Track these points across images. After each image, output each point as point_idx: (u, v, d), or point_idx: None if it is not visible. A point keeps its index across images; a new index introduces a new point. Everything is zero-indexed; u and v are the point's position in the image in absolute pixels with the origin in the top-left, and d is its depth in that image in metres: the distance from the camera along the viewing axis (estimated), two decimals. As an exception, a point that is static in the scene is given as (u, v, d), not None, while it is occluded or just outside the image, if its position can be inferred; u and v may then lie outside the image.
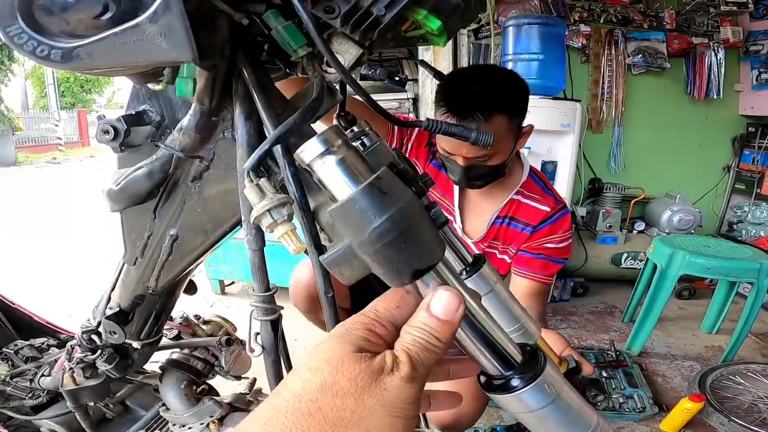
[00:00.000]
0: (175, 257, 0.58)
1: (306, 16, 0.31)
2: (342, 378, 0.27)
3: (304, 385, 0.27)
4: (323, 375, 0.27)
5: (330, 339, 0.30)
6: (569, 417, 0.35)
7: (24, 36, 0.29)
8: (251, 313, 0.44)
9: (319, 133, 0.31)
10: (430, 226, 0.31)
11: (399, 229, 0.28)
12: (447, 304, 0.30)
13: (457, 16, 0.40)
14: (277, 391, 0.28)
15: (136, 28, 0.28)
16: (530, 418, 0.35)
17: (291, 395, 0.27)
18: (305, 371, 0.28)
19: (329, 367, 0.28)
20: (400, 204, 0.29)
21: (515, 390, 0.34)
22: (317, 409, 0.26)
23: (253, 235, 0.41)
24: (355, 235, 0.29)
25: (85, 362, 0.78)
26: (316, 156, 0.30)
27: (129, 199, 0.52)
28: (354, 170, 0.30)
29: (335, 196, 0.30)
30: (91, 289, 0.74)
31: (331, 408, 0.26)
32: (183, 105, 0.49)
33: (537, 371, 0.34)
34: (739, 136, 3.30)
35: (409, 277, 0.30)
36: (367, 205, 0.28)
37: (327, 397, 0.27)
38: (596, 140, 3.18)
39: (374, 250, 0.28)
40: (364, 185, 0.28)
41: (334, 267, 0.31)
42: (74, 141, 16.15)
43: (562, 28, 2.57)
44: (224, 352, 0.93)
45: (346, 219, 0.29)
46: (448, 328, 0.31)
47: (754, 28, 3.07)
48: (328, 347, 0.29)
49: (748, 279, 1.98)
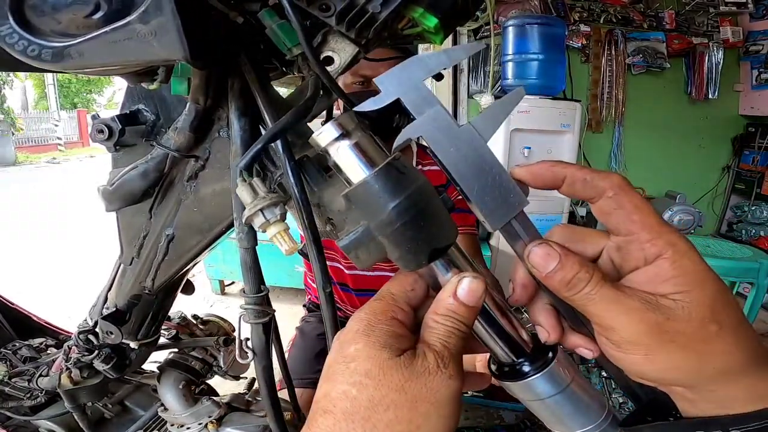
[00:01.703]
0: (172, 257, 0.58)
1: (291, 13, 0.31)
2: (390, 391, 0.27)
3: (352, 404, 0.27)
4: (369, 391, 0.27)
5: (358, 340, 0.29)
6: (580, 406, 0.35)
7: (15, 36, 0.29)
8: (240, 316, 0.43)
9: (334, 117, 0.31)
10: (444, 208, 0.31)
11: (418, 208, 0.29)
12: (473, 289, 0.30)
13: (453, 14, 0.40)
14: (325, 410, 0.27)
15: (127, 27, 0.28)
16: (541, 406, 0.35)
17: (342, 415, 0.27)
18: (350, 388, 0.27)
19: (372, 381, 0.27)
20: (418, 183, 0.29)
21: (526, 377, 0.34)
22: (372, 427, 0.26)
23: (245, 233, 0.41)
24: (374, 215, 0.29)
25: (82, 362, 0.78)
26: (332, 140, 0.31)
27: (124, 198, 0.52)
28: (369, 153, 0.31)
29: (350, 180, 0.31)
30: (91, 289, 0.74)
31: (386, 424, 0.26)
32: (178, 104, 0.49)
33: (548, 359, 0.34)
34: (739, 136, 3.29)
35: (426, 258, 0.31)
36: (386, 184, 0.29)
37: (379, 413, 0.26)
38: (596, 140, 3.18)
39: (393, 229, 0.29)
40: (382, 165, 0.29)
41: (351, 251, 0.31)
42: (74, 141, 16.17)
43: (562, 28, 2.57)
44: (222, 352, 0.93)
45: (364, 200, 0.29)
46: (473, 314, 0.30)
47: (754, 28, 3.07)
48: (361, 354, 0.28)
49: (748, 279, 1.98)
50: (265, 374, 0.47)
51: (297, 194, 0.37)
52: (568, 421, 0.35)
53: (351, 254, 0.31)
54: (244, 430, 0.83)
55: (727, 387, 0.26)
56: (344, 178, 0.32)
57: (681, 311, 0.25)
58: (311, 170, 0.40)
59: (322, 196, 0.40)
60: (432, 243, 0.30)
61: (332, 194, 0.39)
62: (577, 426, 0.35)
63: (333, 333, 0.41)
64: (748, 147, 3.24)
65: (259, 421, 0.83)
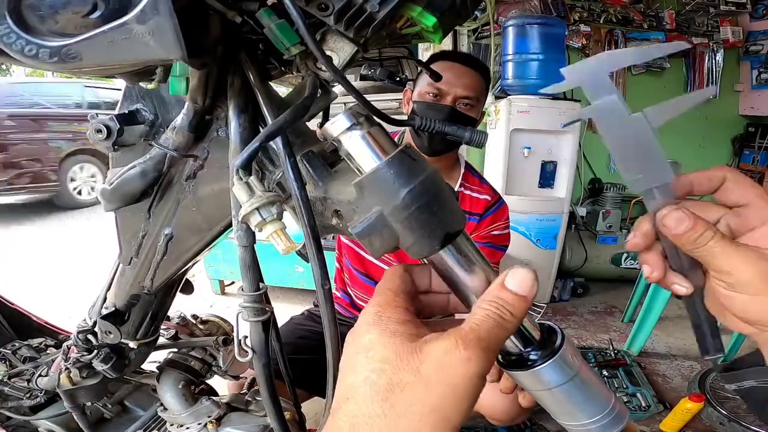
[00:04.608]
0: (170, 257, 0.58)
1: (296, 13, 0.31)
2: (406, 374, 0.28)
3: (372, 387, 0.28)
4: (387, 375, 0.28)
5: (371, 330, 0.30)
6: (587, 395, 0.35)
7: (12, 35, 0.29)
8: (238, 314, 0.43)
9: (346, 108, 0.32)
10: (452, 196, 0.32)
11: (431, 193, 0.30)
12: (523, 278, 0.31)
13: (452, 13, 0.40)
14: (347, 397, 0.29)
15: (124, 26, 0.28)
16: (548, 396, 0.35)
17: (362, 399, 0.28)
18: (370, 374, 0.29)
19: (390, 366, 0.28)
20: (429, 170, 0.31)
21: (534, 365, 0.34)
22: (390, 408, 0.27)
23: (243, 231, 0.41)
24: (388, 200, 0.30)
25: (81, 362, 0.78)
26: (344, 129, 0.32)
27: (123, 198, 0.52)
28: (381, 142, 0.32)
29: (362, 168, 0.32)
30: (91, 289, 0.74)
31: (403, 403, 0.27)
32: (176, 104, 0.49)
33: (556, 347, 0.34)
34: (739, 136, 3.29)
35: (440, 242, 0.31)
36: (400, 170, 0.30)
37: (396, 394, 0.27)
38: (596, 140, 3.17)
39: (408, 214, 0.30)
40: (396, 152, 0.30)
41: (365, 238, 0.32)
42: (75, 141, 16.13)
43: (562, 28, 2.57)
44: (222, 351, 0.93)
45: (377, 186, 0.30)
46: (524, 304, 0.31)
47: (754, 28, 3.07)
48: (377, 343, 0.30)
49: (748, 279, 1.97)
50: (265, 372, 0.47)
51: (297, 191, 0.37)
52: (577, 411, 0.35)
53: (365, 240, 0.32)
54: (244, 430, 0.83)
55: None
56: (356, 167, 0.33)
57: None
58: (316, 164, 0.40)
59: (328, 189, 0.40)
60: (445, 227, 0.31)
61: (339, 186, 0.39)
62: (585, 416, 0.35)
63: (331, 330, 0.41)
64: (748, 147, 3.24)
65: (258, 421, 0.83)
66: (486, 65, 1.32)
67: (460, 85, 1.23)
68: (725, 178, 0.37)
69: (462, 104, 1.24)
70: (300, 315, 1.54)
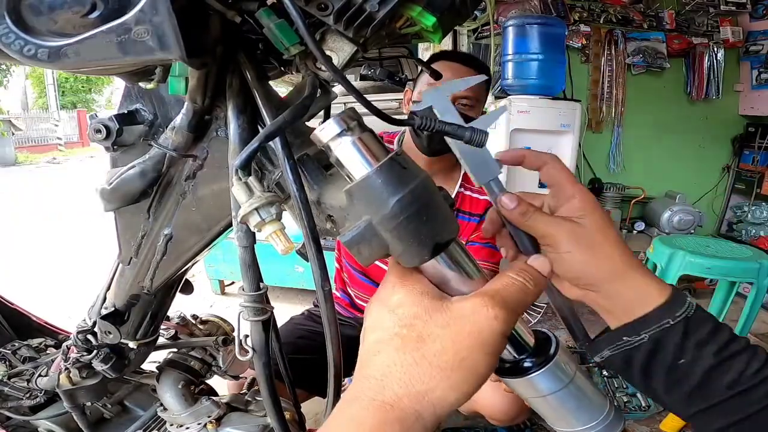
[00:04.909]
0: (170, 257, 0.58)
1: (295, 13, 0.31)
2: (436, 327, 0.30)
3: (403, 340, 0.30)
4: (418, 329, 0.30)
5: (398, 290, 0.32)
6: (582, 402, 0.35)
7: (11, 35, 0.29)
8: (239, 314, 0.43)
9: (335, 114, 0.32)
10: (445, 204, 0.32)
11: (421, 202, 0.29)
12: (544, 262, 0.37)
13: (451, 13, 0.40)
14: (377, 351, 0.30)
15: (123, 26, 0.28)
16: (543, 403, 0.35)
17: (394, 350, 0.30)
18: (400, 329, 0.30)
19: (420, 321, 0.30)
20: (420, 178, 0.30)
21: (528, 373, 0.34)
22: (422, 357, 0.29)
23: (243, 231, 0.41)
24: (377, 209, 0.29)
25: (81, 362, 0.78)
26: (334, 135, 0.31)
27: (122, 198, 0.52)
28: (371, 149, 0.31)
29: (352, 175, 0.31)
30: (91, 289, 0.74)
31: (433, 354, 0.29)
32: (176, 104, 0.49)
33: (550, 355, 0.34)
34: (739, 136, 3.29)
35: (429, 252, 0.31)
36: (388, 178, 0.29)
37: (427, 344, 0.29)
38: (596, 140, 3.17)
39: (396, 223, 0.29)
40: (385, 160, 0.30)
41: (353, 246, 0.31)
42: (74, 141, 16.13)
43: (562, 28, 2.57)
44: (222, 351, 0.93)
45: (366, 194, 0.30)
46: (543, 282, 0.35)
47: (754, 28, 3.07)
48: (405, 301, 0.31)
49: (748, 279, 1.97)
50: (265, 371, 0.47)
51: (296, 192, 0.37)
52: (572, 418, 0.35)
53: (353, 250, 0.31)
54: (244, 430, 0.83)
55: (617, 285, 0.39)
56: (346, 174, 0.32)
57: (584, 225, 0.40)
58: (311, 168, 0.40)
59: (323, 193, 0.40)
60: (435, 237, 0.30)
61: (333, 191, 0.39)
62: (581, 423, 0.35)
63: (331, 330, 0.41)
64: (748, 147, 3.24)
65: (258, 421, 0.83)
66: (486, 65, 1.32)
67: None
68: (546, 162, 0.44)
69: (462, 104, 1.24)
70: (300, 315, 1.54)
